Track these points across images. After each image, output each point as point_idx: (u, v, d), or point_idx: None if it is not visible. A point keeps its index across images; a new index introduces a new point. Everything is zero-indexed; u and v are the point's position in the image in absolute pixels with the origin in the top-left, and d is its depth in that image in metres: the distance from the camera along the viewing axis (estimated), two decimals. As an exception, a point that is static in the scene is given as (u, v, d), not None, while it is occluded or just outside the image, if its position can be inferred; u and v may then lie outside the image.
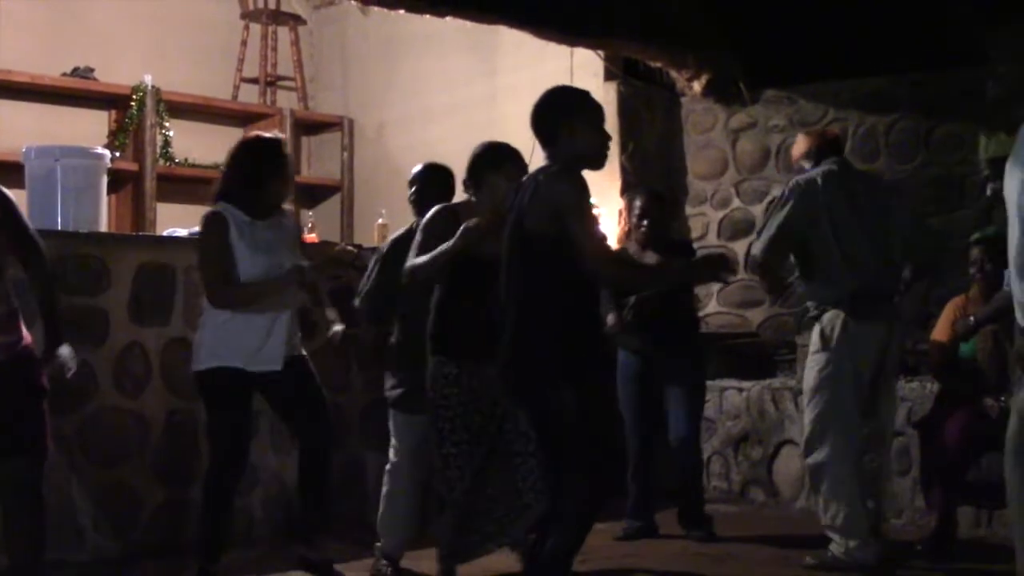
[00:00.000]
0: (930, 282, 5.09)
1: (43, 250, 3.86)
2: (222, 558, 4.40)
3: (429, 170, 4.88)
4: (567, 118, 3.69)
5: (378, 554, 4.74)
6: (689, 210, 7.38)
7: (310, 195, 8.07)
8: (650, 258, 5.39)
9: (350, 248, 5.22)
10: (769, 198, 6.86)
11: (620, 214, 6.66)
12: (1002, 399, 4.87)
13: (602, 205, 6.31)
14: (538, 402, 3.64)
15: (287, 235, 4.49)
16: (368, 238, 6.62)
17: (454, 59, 7.58)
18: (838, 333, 4.75)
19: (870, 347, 4.80)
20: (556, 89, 3.84)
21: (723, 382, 6.62)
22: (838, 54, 6.63)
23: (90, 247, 5.02)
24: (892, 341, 4.88)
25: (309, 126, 8.17)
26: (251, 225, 4.35)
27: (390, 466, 4.72)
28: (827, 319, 4.80)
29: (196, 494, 4.71)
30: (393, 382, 4.70)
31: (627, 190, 6.72)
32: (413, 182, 4.88)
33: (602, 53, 6.91)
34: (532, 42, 6.51)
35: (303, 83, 8.08)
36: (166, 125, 7.20)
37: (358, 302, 4.89)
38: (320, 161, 8.20)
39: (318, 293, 4.78)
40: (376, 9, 6.25)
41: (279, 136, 4.65)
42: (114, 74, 7.17)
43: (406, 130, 7.86)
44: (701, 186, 7.36)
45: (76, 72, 7.02)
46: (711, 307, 7.20)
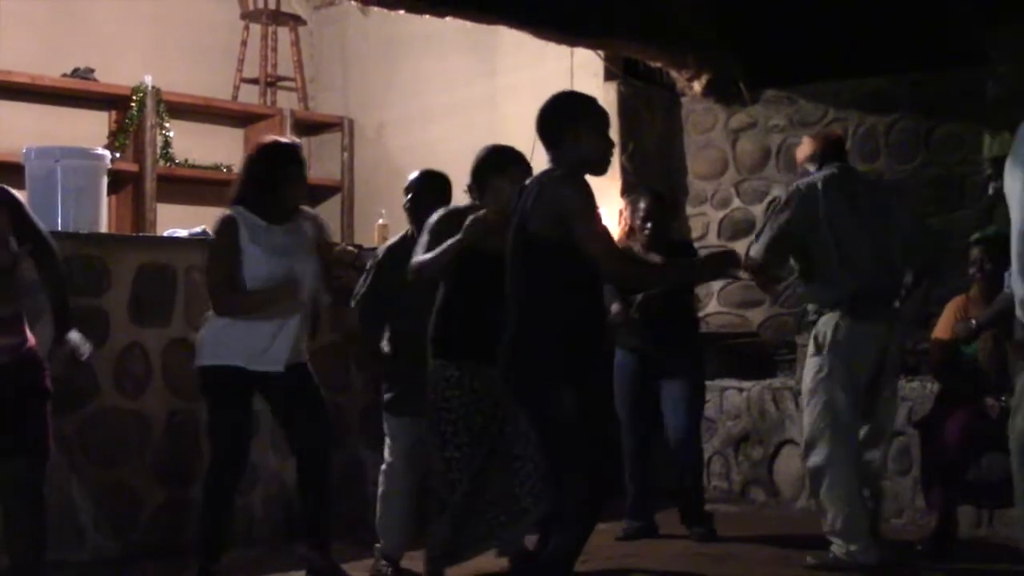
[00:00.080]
0: (930, 282, 5.09)
1: (56, 250, 3.88)
2: (222, 557, 4.40)
3: (425, 177, 4.83)
4: (573, 123, 3.70)
5: (378, 555, 4.74)
6: (689, 210, 7.37)
7: (310, 195, 7.95)
8: (654, 259, 5.38)
9: (350, 248, 5.22)
10: (769, 198, 6.86)
11: (620, 214, 6.66)
12: (1003, 399, 4.86)
13: (602, 206, 6.26)
14: (539, 403, 3.64)
15: (304, 240, 4.44)
16: (368, 238, 6.61)
17: (454, 59, 7.57)
18: (831, 338, 4.75)
19: (870, 347, 4.80)
20: (562, 94, 3.88)
21: (723, 382, 6.62)
22: (838, 54, 6.63)
23: (90, 248, 5.02)
24: (892, 341, 4.88)
25: (309, 126, 8.16)
26: (267, 230, 4.33)
27: (385, 467, 4.73)
28: (821, 323, 4.81)
29: (196, 494, 4.71)
30: (385, 385, 4.71)
31: (627, 190, 6.72)
32: (408, 189, 4.82)
33: (602, 53, 6.91)
34: (532, 42, 6.50)
35: (303, 83, 8.07)
36: (166, 126, 7.18)
37: (353, 304, 4.89)
38: (320, 161, 8.19)
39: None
40: (376, 9, 6.24)
41: (296, 141, 4.64)
42: (114, 74, 7.16)
43: (406, 130, 7.85)
44: (701, 186, 7.36)
45: (76, 72, 7.00)
46: (711, 307, 7.20)
